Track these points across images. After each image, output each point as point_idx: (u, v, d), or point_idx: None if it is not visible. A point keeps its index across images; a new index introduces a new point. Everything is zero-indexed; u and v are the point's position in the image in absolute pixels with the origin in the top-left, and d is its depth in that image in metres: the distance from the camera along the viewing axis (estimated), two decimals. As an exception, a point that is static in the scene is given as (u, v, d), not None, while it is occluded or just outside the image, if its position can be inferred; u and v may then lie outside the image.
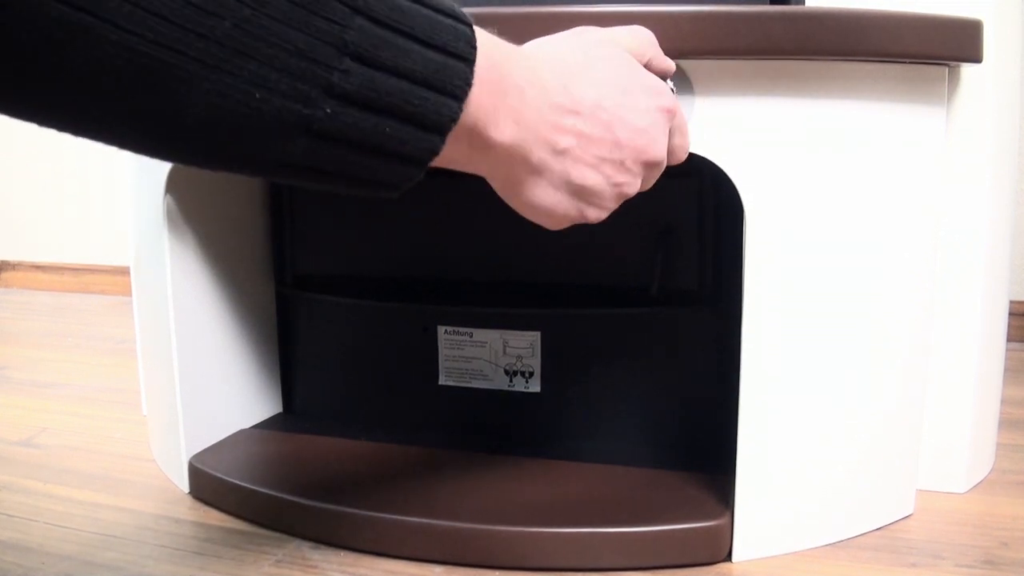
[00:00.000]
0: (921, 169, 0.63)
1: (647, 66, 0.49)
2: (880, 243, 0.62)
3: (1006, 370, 0.81)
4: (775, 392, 0.62)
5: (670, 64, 0.51)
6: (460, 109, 0.37)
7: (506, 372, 0.79)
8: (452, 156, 0.40)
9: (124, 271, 1.77)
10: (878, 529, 0.67)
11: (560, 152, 0.44)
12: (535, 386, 0.79)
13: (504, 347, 0.79)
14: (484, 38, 0.39)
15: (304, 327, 0.87)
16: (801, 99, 0.58)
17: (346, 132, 0.35)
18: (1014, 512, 0.70)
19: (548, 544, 0.61)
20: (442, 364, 0.81)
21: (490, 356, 0.79)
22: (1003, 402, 0.81)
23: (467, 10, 0.54)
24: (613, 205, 0.47)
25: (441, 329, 0.80)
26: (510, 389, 0.79)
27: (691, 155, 0.58)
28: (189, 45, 0.30)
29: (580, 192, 0.45)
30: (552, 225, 0.47)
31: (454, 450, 0.76)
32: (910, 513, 0.69)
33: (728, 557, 0.63)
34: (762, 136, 0.58)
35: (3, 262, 1.98)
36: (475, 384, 0.80)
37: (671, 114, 0.47)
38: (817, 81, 0.58)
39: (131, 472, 0.81)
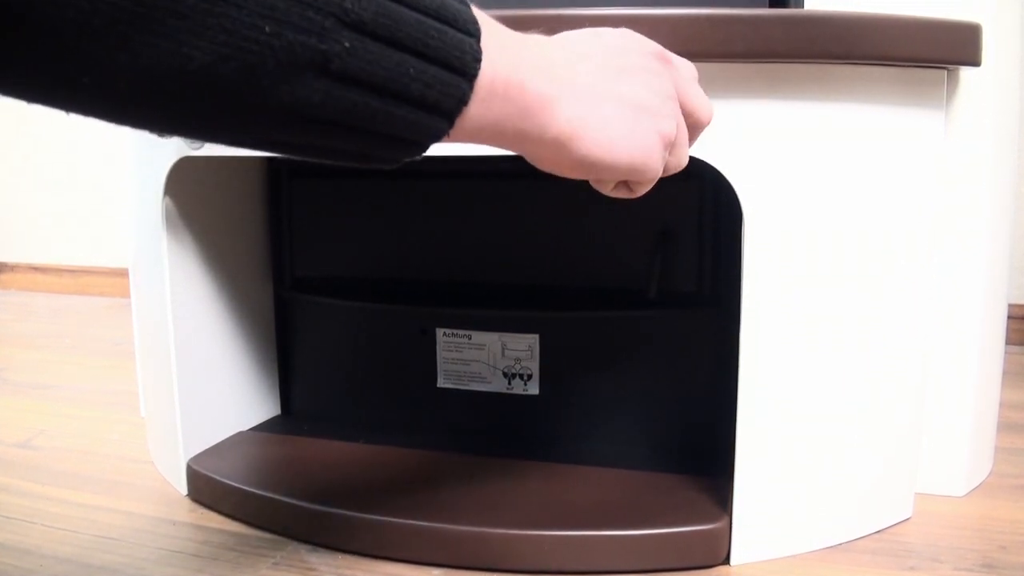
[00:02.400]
0: (920, 172, 0.63)
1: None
2: (878, 246, 0.62)
3: (1005, 373, 0.81)
4: (774, 395, 0.62)
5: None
6: (480, 50, 0.34)
7: (505, 374, 0.79)
8: (494, 117, 0.36)
9: (123, 273, 1.77)
10: (877, 532, 0.67)
11: (595, 78, 0.40)
12: (534, 388, 0.79)
13: (503, 349, 0.79)
14: (480, 12, 0.36)
15: (303, 329, 0.87)
16: (800, 102, 0.58)
17: (369, 71, 0.31)
18: (1013, 516, 0.70)
19: (546, 547, 0.61)
20: (441, 366, 0.81)
21: (489, 358, 0.79)
22: (1002, 405, 0.81)
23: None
24: (675, 113, 0.42)
25: (440, 331, 0.80)
26: (509, 391, 0.79)
27: (690, 157, 0.58)
28: None
29: (638, 103, 0.40)
30: (643, 162, 0.41)
31: (452, 453, 0.76)
32: (909, 516, 0.69)
33: (726, 560, 0.63)
34: (761, 139, 0.58)
35: (2, 264, 1.98)
36: (474, 386, 0.80)
37: (667, 63, 0.43)
38: (816, 84, 0.58)
39: (129, 474, 0.81)
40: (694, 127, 0.45)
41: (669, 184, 0.73)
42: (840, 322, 0.62)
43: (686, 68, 0.45)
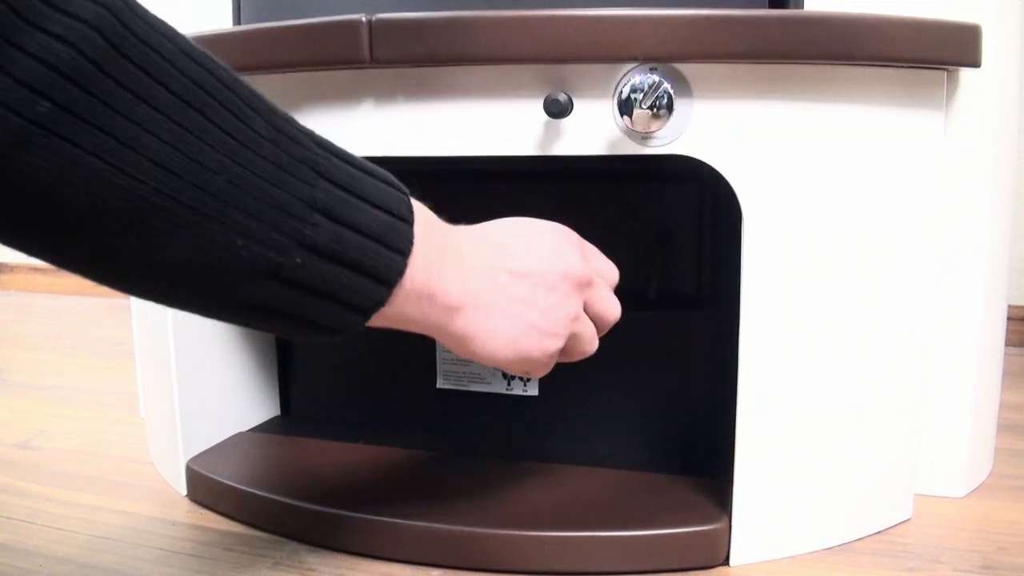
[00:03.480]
0: (919, 173, 0.63)
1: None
2: (878, 247, 0.62)
3: (1005, 374, 0.81)
4: (773, 396, 0.62)
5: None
6: (406, 264, 0.42)
7: (504, 375, 0.79)
8: (406, 316, 0.45)
9: (122, 273, 1.77)
10: (876, 533, 0.67)
11: (501, 288, 0.48)
12: (533, 389, 0.79)
13: (502, 350, 0.78)
14: (418, 206, 0.44)
15: (302, 330, 0.87)
16: (799, 103, 0.58)
17: (310, 280, 0.39)
18: (1012, 517, 0.70)
19: (546, 548, 0.61)
20: (440, 367, 0.81)
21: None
22: (1002, 406, 0.81)
23: (466, 11, 0.54)
24: (564, 330, 0.51)
25: (439, 332, 0.80)
26: (508, 392, 0.79)
27: (690, 158, 0.58)
28: (186, 194, 0.35)
29: (533, 324, 0.49)
30: (528, 366, 0.51)
31: (452, 453, 0.76)
32: (908, 517, 0.69)
33: (726, 561, 0.63)
34: (760, 140, 0.58)
35: (2, 264, 1.98)
36: (473, 387, 0.80)
37: (576, 243, 0.53)
38: (815, 85, 0.58)
39: (128, 475, 0.81)
40: (603, 327, 0.55)
41: (668, 184, 0.74)
42: (839, 323, 0.62)
43: (608, 274, 0.56)
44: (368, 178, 0.42)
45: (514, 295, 0.48)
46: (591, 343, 0.54)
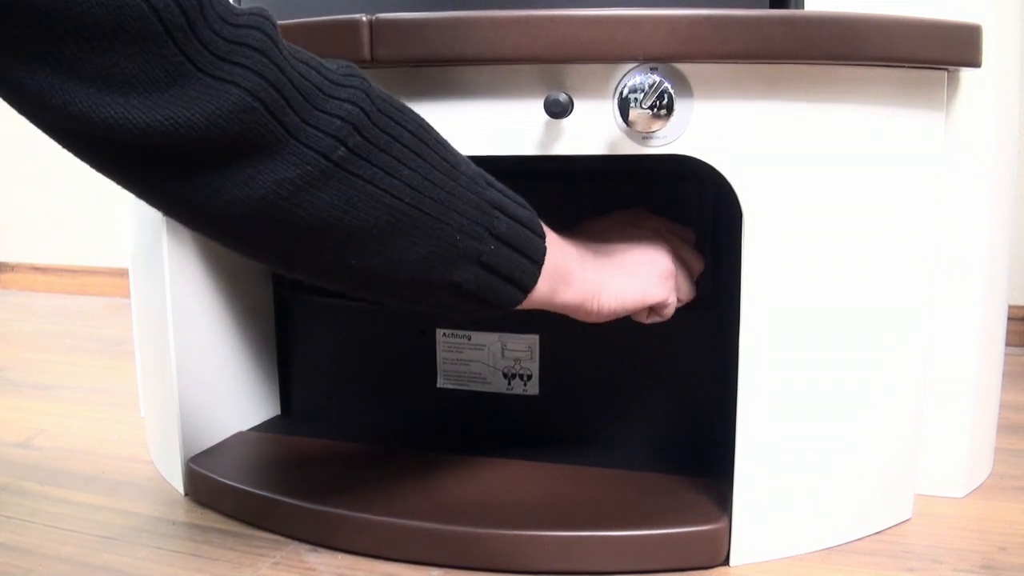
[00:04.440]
0: (919, 173, 0.63)
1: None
2: (878, 247, 0.62)
3: (1005, 374, 0.81)
4: (773, 396, 0.62)
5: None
6: (546, 245, 0.54)
7: (504, 375, 0.79)
8: (549, 293, 0.56)
9: (123, 273, 1.77)
10: (876, 533, 0.67)
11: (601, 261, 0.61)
12: (533, 389, 0.79)
13: (502, 350, 0.79)
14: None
15: (302, 329, 0.87)
16: (800, 103, 0.58)
17: (498, 262, 0.51)
18: (1012, 517, 0.70)
19: (546, 547, 0.61)
20: (440, 367, 0.81)
21: (488, 359, 0.79)
22: (1002, 406, 0.81)
23: (467, 11, 0.54)
24: (667, 261, 0.63)
25: (439, 332, 0.80)
26: (508, 392, 0.79)
27: (690, 159, 0.58)
28: (425, 205, 0.48)
29: (638, 266, 0.61)
30: (652, 300, 0.62)
31: (452, 453, 0.76)
32: (908, 517, 0.69)
33: (726, 561, 0.63)
34: (761, 140, 0.58)
35: (2, 264, 1.98)
36: (473, 387, 0.80)
37: (664, 236, 0.65)
38: (816, 85, 0.58)
39: (129, 474, 0.81)
40: (690, 274, 0.66)
41: (669, 185, 0.74)
42: (839, 323, 0.62)
43: (685, 233, 0.68)
44: (501, 184, 0.54)
45: (619, 247, 0.62)
46: (688, 285, 0.66)
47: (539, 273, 0.54)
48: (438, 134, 0.50)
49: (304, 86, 0.43)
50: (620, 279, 0.60)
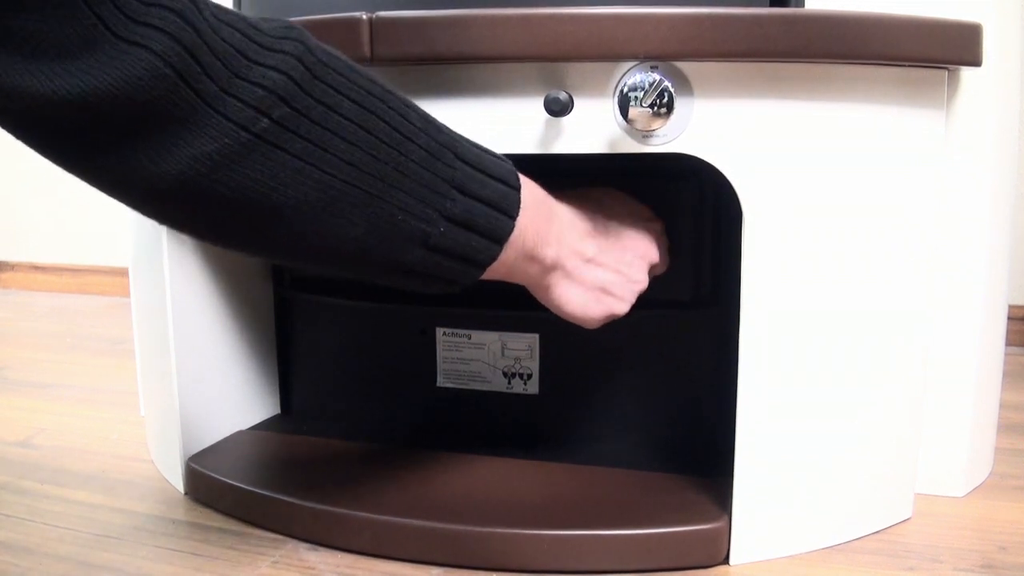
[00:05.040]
0: (920, 172, 0.63)
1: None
2: (878, 246, 0.62)
3: (1005, 374, 0.81)
4: (773, 395, 0.61)
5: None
6: (514, 225, 0.51)
7: (504, 374, 0.79)
8: (514, 270, 0.54)
9: (122, 272, 1.77)
10: (876, 533, 0.67)
11: (588, 260, 0.58)
12: (533, 388, 0.79)
13: (502, 349, 0.79)
14: (523, 177, 0.53)
15: (302, 328, 0.87)
16: (800, 102, 0.58)
17: (448, 245, 0.48)
18: (1012, 516, 0.70)
19: (546, 546, 0.61)
20: (440, 366, 0.81)
21: (488, 358, 0.79)
22: (1002, 406, 0.81)
23: (467, 9, 0.54)
24: (632, 299, 0.61)
25: (439, 331, 0.80)
26: (508, 391, 0.79)
27: (690, 157, 0.58)
28: (364, 182, 0.44)
29: (605, 289, 0.59)
30: (587, 320, 0.60)
31: (452, 452, 0.76)
32: (908, 517, 0.69)
33: (726, 560, 0.63)
34: (761, 139, 0.58)
35: (2, 263, 1.98)
36: (473, 386, 0.80)
37: (656, 234, 0.64)
38: (816, 84, 0.58)
39: (128, 473, 0.81)
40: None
41: (669, 184, 0.74)
42: (839, 322, 0.62)
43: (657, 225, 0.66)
44: (487, 155, 0.51)
45: (596, 267, 0.59)
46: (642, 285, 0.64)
47: (499, 251, 0.51)
48: (398, 102, 0.46)
49: (225, 51, 0.39)
50: (590, 290, 0.59)
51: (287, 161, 0.41)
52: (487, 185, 0.49)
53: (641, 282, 0.62)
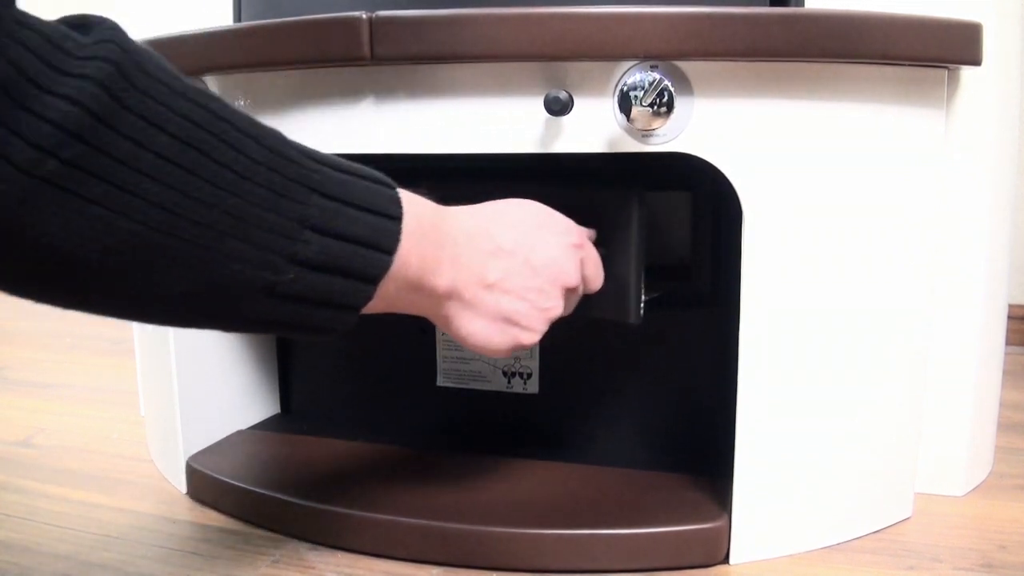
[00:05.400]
0: (920, 171, 0.63)
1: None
2: (878, 245, 0.62)
3: (1005, 373, 0.81)
4: (773, 395, 0.61)
5: (588, 230, 0.60)
6: (391, 261, 0.44)
7: (504, 373, 0.79)
8: (398, 302, 0.48)
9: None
10: (876, 532, 0.67)
11: (489, 286, 0.52)
12: (533, 387, 0.79)
13: (502, 348, 0.78)
14: (411, 199, 0.46)
15: (302, 328, 0.87)
16: (800, 101, 0.58)
17: (303, 291, 0.42)
18: (1012, 515, 0.70)
19: (546, 545, 0.61)
20: (440, 365, 0.81)
21: (488, 357, 0.79)
22: (1002, 406, 0.81)
23: (467, 9, 0.54)
24: (543, 327, 0.55)
25: (439, 330, 0.80)
26: (508, 390, 0.79)
27: (691, 157, 0.58)
28: (184, 231, 0.37)
29: (510, 319, 0.53)
30: (492, 351, 0.54)
31: (452, 451, 0.76)
32: (908, 516, 0.69)
33: (725, 559, 0.63)
34: (761, 138, 0.58)
35: (1, 262, 1.98)
36: (473, 385, 0.80)
37: (579, 248, 0.56)
38: (816, 83, 0.58)
39: (128, 472, 0.81)
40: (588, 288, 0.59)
41: (667, 183, 0.74)
42: (839, 321, 0.62)
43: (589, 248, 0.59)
44: (359, 182, 0.44)
45: (499, 294, 0.52)
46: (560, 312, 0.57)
47: (373, 291, 0.44)
48: (235, 132, 0.39)
49: (9, 78, 0.32)
50: (495, 319, 0.53)
51: (84, 208, 0.34)
52: (355, 220, 0.43)
53: (553, 309, 0.55)
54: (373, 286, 0.44)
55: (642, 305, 0.64)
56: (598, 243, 0.61)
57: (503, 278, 0.52)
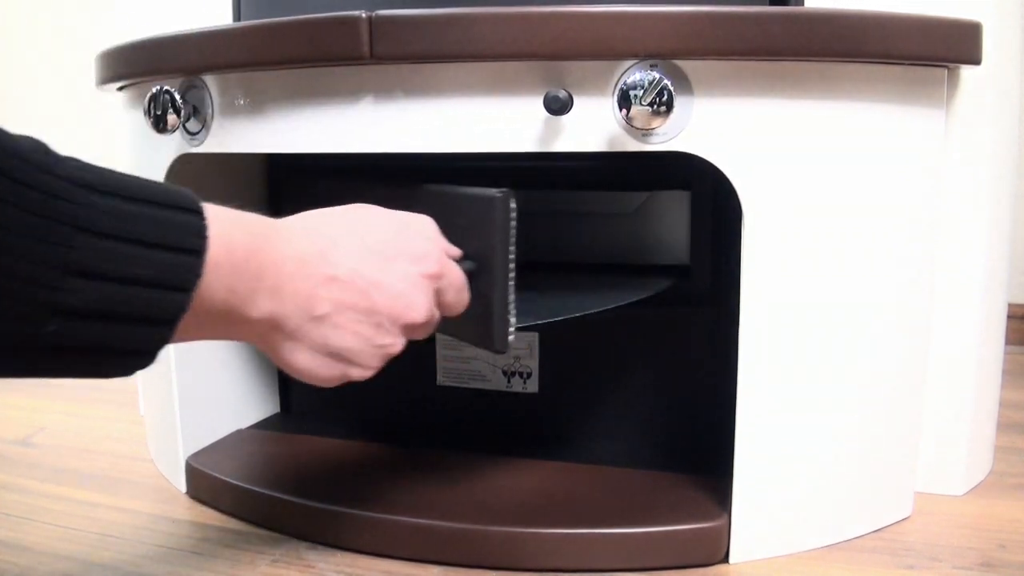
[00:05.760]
0: (919, 171, 0.63)
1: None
2: (878, 244, 0.62)
3: (1005, 373, 0.81)
4: (773, 393, 0.61)
5: (452, 248, 0.55)
6: (189, 299, 0.40)
7: (504, 373, 0.79)
8: (211, 333, 0.44)
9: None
10: (876, 531, 0.67)
11: (317, 319, 0.47)
12: (533, 387, 0.79)
13: (502, 348, 0.78)
14: (224, 226, 0.42)
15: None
16: (800, 100, 0.58)
17: (71, 342, 0.37)
18: (1012, 515, 0.70)
19: (545, 545, 0.61)
20: (440, 365, 0.81)
21: (488, 356, 0.79)
22: (1001, 405, 0.81)
23: (467, 7, 0.54)
24: (377, 364, 0.50)
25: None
26: (508, 390, 0.79)
27: (691, 156, 0.58)
28: None
29: (339, 354, 0.48)
30: (317, 383, 0.50)
31: (452, 450, 0.76)
32: (908, 515, 0.69)
33: (725, 558, 0.63)
34: (761, 137, 0.58)
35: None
36: (473, 385, 0.80)
37: (435, 278, 0.51)
38: (816, 82, 0.58)
39: (128, 472, 0.81)
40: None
41: (666, 183, 0.74)
42: (839, 321, 0.62)
43: (454, 279, 0.54)
44: (147, 212, 0.39)
45: (328, 328, 0.48)
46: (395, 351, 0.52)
47: (168, 333, 0.40)
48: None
49: None
50: (319, 352, 0.48)
51: None
52: (135, 259, 0.38)
53: (391, 347, 0.50)
54: (167, 327, 0.40)
55: (511, 331, 0.57)
56: (468, 256, 0.56)
57: (334, 311, 0.47)
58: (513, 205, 0.55)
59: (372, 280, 0.48)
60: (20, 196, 0.35)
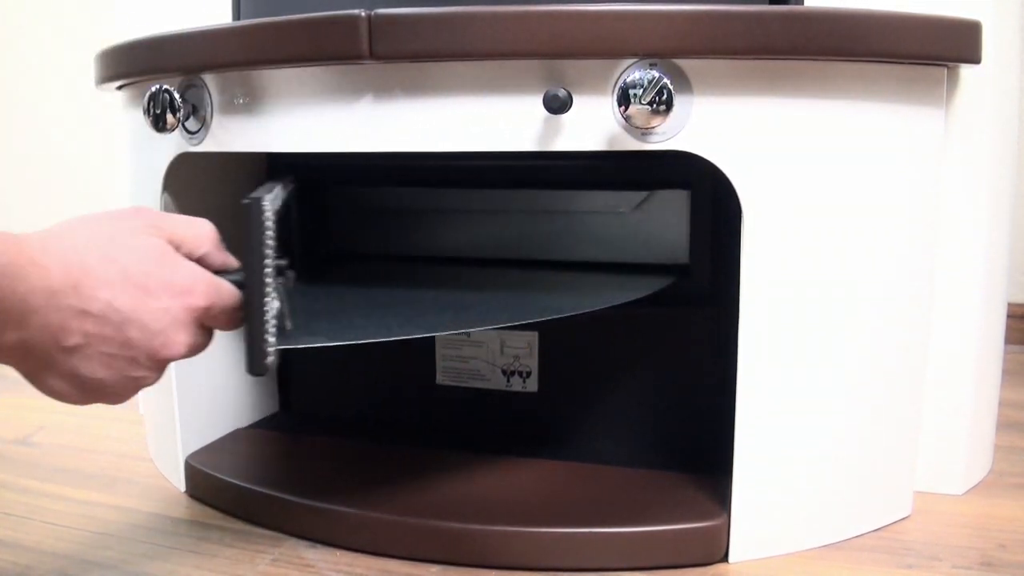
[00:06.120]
0: (919, 170, 0.63)
1: (202, 260, 0.51)
2: (877, 244, 0.62)
3: (1004, 373, 0.81)
4: (772, 392, 0.61)
5: (230, 260, 0.53)
6: None
7: (504, 372, 0.79)
8: None
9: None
10: (875, 530, 0.67)
11: (67, 349, 0.46)
12: (532, 386, 0.79)
13: (502, 347, 0.79)
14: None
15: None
16: (799, 99, 0.58)
17: None
18: (1011, 514, 0.70)
19: (544, 544, 0.61)
20: (440, 364, 0.81)
21: (488, 356, 0.79)
22: (1001, 404, 0.81)
23: (466, 6, 0.54)
24: (131, 394, 0.50)
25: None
26: (507, 389, 0.79)
27: (691, 155, 0.58)
28: None
29: (90, 385, 0.48)
30: (75, 404, 0.49)
31: (451, 450, 0.76)
32: (907, 515, 0.69)
33: (724, 558, 0.63)
34: (760, 136, 0.58)
35: (1, 261, 1.98)
36: (473, 384, 0.80)
37: (201, 312, 0.49)
38: (815, 81, 0.58)
39: (127, 471, 0.81)
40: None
41: (666, 182, 0.74)
42: (839, 320, 0.62)
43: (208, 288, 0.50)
44: None
45: (79, 359, 0.47)
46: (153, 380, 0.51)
47: None
48: None
49: None
50: (70, 380, 0.48)
51: None
52: None
53: (145, 379, 0.49)
54: None
55: (270, 352, 0.51)
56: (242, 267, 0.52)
57: (86, 343, 0.46)
58: (268, 209, 0.49)
59: (127, 316, 0.46)
60: None
